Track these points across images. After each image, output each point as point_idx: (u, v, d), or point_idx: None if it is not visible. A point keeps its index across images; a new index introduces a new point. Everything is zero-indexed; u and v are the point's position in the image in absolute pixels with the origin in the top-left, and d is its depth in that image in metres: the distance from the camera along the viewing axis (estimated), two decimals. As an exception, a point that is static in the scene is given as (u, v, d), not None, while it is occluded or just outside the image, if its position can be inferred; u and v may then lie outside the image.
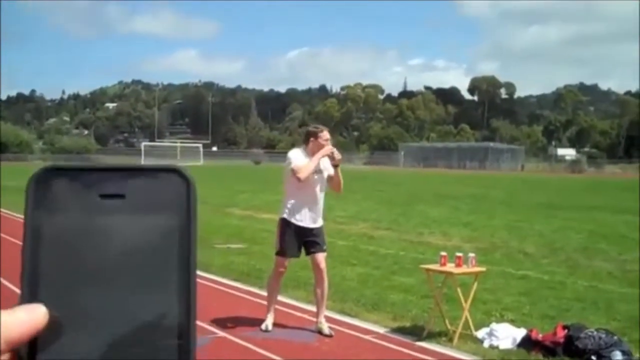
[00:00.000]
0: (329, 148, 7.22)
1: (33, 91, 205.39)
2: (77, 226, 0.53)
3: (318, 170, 7.29)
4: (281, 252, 7.43)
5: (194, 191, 0.55)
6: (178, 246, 0.53)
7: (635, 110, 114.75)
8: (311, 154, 7.25)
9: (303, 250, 7.46)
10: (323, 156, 7.21)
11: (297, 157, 7.27)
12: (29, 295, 0.53)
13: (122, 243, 0.53)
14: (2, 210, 19.84)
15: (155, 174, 0.55)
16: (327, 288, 7.53)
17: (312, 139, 7.29)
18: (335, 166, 7.36)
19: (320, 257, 7.39)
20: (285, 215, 7.36)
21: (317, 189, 7.34)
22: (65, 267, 0.53)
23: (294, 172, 7.15)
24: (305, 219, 7.31)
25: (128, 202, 0.54)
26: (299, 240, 7.34)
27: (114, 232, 0.53)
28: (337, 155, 7.33)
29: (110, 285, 0.53)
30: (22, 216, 0.54)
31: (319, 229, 7.43)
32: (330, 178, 7.42)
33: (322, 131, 7.41)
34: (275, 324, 7.50)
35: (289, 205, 7.33)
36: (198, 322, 0.54)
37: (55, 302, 0.52)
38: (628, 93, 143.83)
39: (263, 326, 7.40)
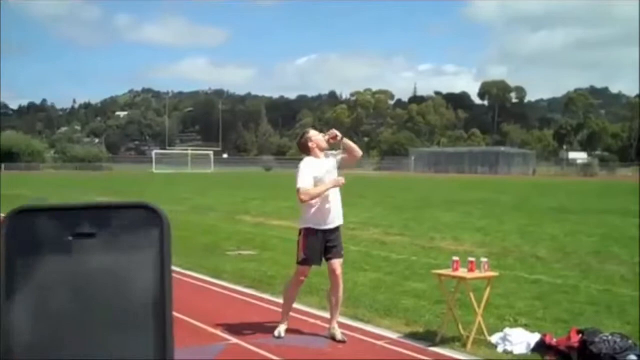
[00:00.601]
0: (340, 180, 7.24)
1: (44, 101, 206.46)
2: (51, 267, 0.52)
3: (330, 170, 7.32)
4: (305, 262, 7.36)
5: (167, 226, 0.54)
6: (154, 284, 0.52)
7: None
8: (315, 154, 7.31)
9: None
10: (333, 187, 7.22)
11: (305, 173, 7.20)
12: (6, 340, 0.52)
13: (96, 283, 0.52)
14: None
15: (126, 212, 0.54)
16: (342, 294, 7.53)
17: (310, 144, 7.33)
18: (337, 139, 7.39)
19: (337, 263, 7.38)
20: (308, 225, 7.30)
21: (335, 189, 7.34)
22: (42, 310, 0.52)
23: (298, 192, 7.18)
24: (329, 221, 7.29)
25: (100, 240, 0.53)
26: (322, 248, 7.30)
27: (87, 272, 0.52)
28: (333, 133, 7.40)
29: (86, 327, 0.51)
30: None
31: (339, 231, 7.46)
32: (347, 156, 7.48)
33: (308, 132, 7.53)
34: (288, 331, 7.50)
35: (310, 213, 7.27)
36: (211, 329, 0.53)
37: (32, 343, 0.51)
38: (639, 96, 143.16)
39: (276, 332, 7.39)
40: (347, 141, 7.49)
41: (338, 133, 7.42)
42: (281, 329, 7.42)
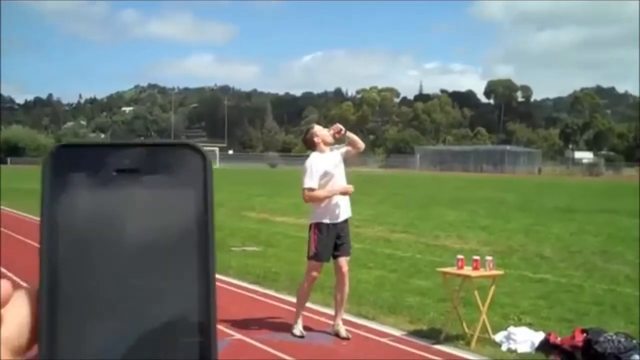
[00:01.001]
0: (349, 188, 7.31)
1: (50, 95, 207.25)
2: (93, 203, 0.53)
3: (337, 164, 7.38)
4: (317, 257, 7.37)
5: (209, 166, 0.55)
6: (195, 223, 0.53)
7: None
8: (322, 149, 7.36)
9: None
10: (341, 194, 7.28)
11: (312, 172, 7.24)
12: (49, 274, 0.52)
13: (140, 220, 0.53)
14: (21, 213, 20.01)
15: (169, 150, 0.55)
16: (347, 292, 7.54)
17: (315, 139, 7.38)
18: (339, 133, 7.44)
19: (344, 261, 7.42)
20: (319, 219, 7.33)
21: (341, 181, 7.39)
22: (84, 246, 0.52)
23: (303, 192, 7.27)
24: (338, 214, 7.34)
25: (144, 177, 0.54)
26: (332, 243, 7.34)
27: (130, 209, 0.53)
28: (337, 127, 7.49)
29: (130, 266, 0.52)
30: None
31: (348, 227, 7.56)
32: (351, 148, 7.56)
33: (313, 128, 7.64)
34: (290, 327, 7.50)
35: (320, 207, 7.32)
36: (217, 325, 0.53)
37: (74, 280, 0.52)
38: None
39: (297, 332, 7.35)
40: (350, 134, 7.57)
41: (342, 127, 7.48)
42: (300, 327, 7.40)
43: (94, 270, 0.51)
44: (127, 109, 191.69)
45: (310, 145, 7.47)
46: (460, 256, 7.39)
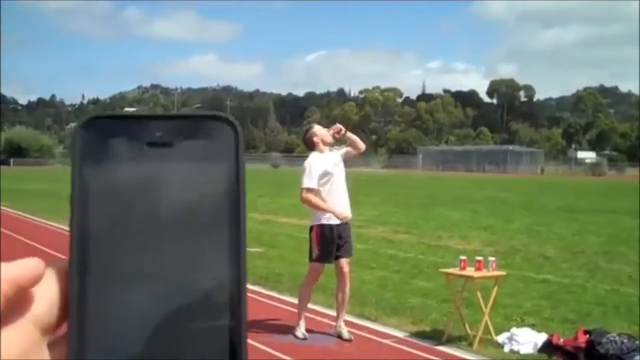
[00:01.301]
0: (347, 217, 7.31)
1: (53, 96, 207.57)
2: (125, 175, 0.52)
3: (337, 163, 7.38)
4: (319, 259, 7.36)
5: (241, 138, 0.54)
6: (227, 196, 0.53)
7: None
8: (322, 149, 7.35)
9: None
10: (336, 216, 7.20)
11: (311, 172, 7.22)
12: (80, 248, 0.52)
13: (172, 192, 0.52)
14: (23, 214, 20.01)
15: (201, 121, 0.54)
16: (349, 292, 7.54)
17: (314, 139, 7.38)
18: (340, 133, 7.44)
19: (345, 262, 7.42)
20: (320, 221, 7.29)
21: (341, 181, 7.39)
22: (115, 218, 0.52)
23: (301, 191, 7.27)
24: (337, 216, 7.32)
25: (176, 150, 0.53)
26: (335, 244, 7.31)
27: (162, 181, 0.52)
28: (337, 127, 7.52)
29: (161, 239, 0.52)
30: (45, 220, 0.54)
31: (350, 227, 7.55)
32: (351, 148, 7.55)
33: (312, 128, 7.67)
34: (293, 328, 7.50)
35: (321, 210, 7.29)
36: None
37: (106, 254, 0.52)
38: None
39: (299, 334, 7.33)
40: (350, 135, 7.57)
41: (342, 127, 7.50)
42: (303, 329, 7.38)
43: (124, 244, 0.51)
44: (130, 110, 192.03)
45: (310, 145, 7.47)
46: (462, 257, 7.39)
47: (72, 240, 0.52)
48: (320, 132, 7.46)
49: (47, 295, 0.50)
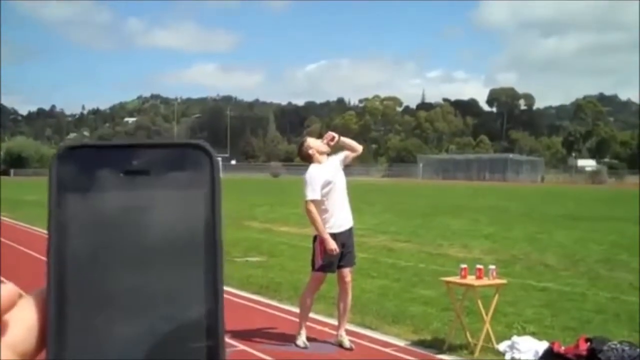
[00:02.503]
0: (335, 250, 7.13)
1: (53, 106, 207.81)
2: (102, 204, 0.53)
3: (336, 172, 7.37)
4: (323, 269, 7.31)
5: (217, 166, 0.55)
6: (204, 224, 0.53)
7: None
8: (319, 160, 7.35)
9: None
10: (327, 245, 7.11)
11: (313, 184, 7.24)
12: (58, 276, 0.52)
13: (149, 221, 0.52)
14: (23, 224, 20.02)
15: (178, 150, 0.55)
16: (350, 302, 7.51)
17: (310, 151, 7.39)
18: (334, 141, 7.40)
19: (347, 271, 7.40)
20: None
21: (342, 188, 7.39)
22: (93, 247, 0.52)
23: (306, 203, 7.27)
24: (342, 223, 7.34)
25: (152, 178, 0.54)
26: (338, 255, 7.25)
27: (139, 210, 0.52)
28: (329, 136, 7.44)
29: (139, 267, 0.52)
30: (45, 230, 0.54)
31: (352, 235, 7.55)
32: (349, 152, 7.54)
33: (306, 140, 7.69)
34: (293, 337, 7.48)
35: (323, 218, 7.27)
36: None
37: (83, 282, 0.52)
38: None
39: (300, 343, 7.31)
40: (344, 139, 7.56)
41: (335, 134, 7.47)
42: (304, 338, 7.36)
43: (102, 272, 0.51)
44: (130, 120, 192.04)
45: (306, 158, 7.48)
46: (463, 265, 7.37)
47: (49, 268, 0.52)
48: (314, 143, 7.49)
49: (25, 322, 0.51)
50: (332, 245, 7.10)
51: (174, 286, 0.51)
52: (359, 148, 7.68)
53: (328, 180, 7.24)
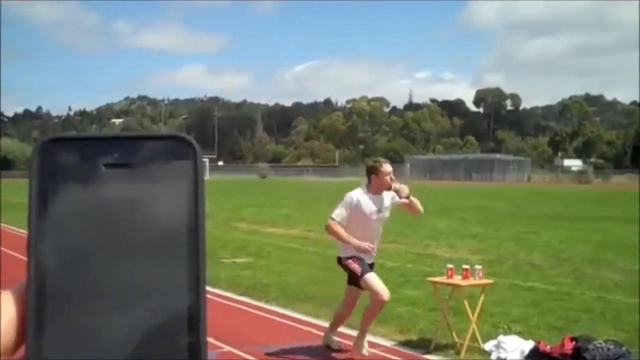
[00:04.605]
0: (367, 249, 6.81)
1: (39, 108, 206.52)
2: (83, 197, 0.52)
3: (381, 209, 6.96)
4: (363, 272, 6.85)
5: (200, 159, 0.54)
6: (186, 217, 0.53)
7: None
8: (374, 189, 6.91)
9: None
10: (356, 248, 6.81)
11: (343, 206, 6.89)
12: (37, 270, 0.52)
13: (130, 214, 0.52)
14: (7, 226, 19.92)
15: (159, 142, 0.54)
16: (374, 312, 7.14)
17: (372, 175, 6.94)
18: (406, 197, 6.93)
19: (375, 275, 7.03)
20: (352, 254, 6.90)
21: (379, 226, 7.03)
22: (74, 241, 0.52)
23: (329, 219, 6.91)
24: (369, 257, 6.98)
25: (134, 171, 0.53)
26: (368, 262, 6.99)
27: (121, 203, 0.52)
28: (404, 192, 6.89)
29: (120, 260, 0.52)
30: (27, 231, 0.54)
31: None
32: (406, 206, 7.06)
33: (381, 165, 6.97)
34: (282, 340, 7.48)
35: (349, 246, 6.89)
36: None
37: (64, 276, 0.51)
38: (634, 103, 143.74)
39: (335, 345, 7.21)
40: (412, 198, 7.00)
41: (407, 191, 6.95)
42: (333, 339, 7.28)
43: (83, 266, 0.51)
44: (117, 121, 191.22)
45: (369, 173, 7.00)
46: (450, 265, 7.40)
47: (29, 262, 0.52)
48: (385, 174, 6.91)
49: (3, 317, 0.51)
50: (363, 243, 6.78)
51: (156, 280, 0.51)
52: (420, 212, 7.19)
53: (366, 212, 6.86)
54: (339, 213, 6.87)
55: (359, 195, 6.93)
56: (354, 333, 7.90)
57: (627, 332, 7.80)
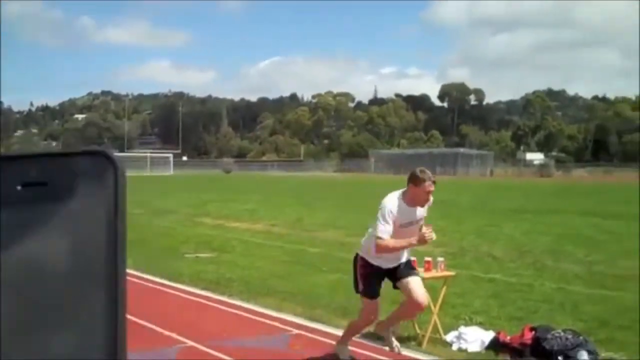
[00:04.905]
0: (430, 237, 6.33)
1: (0, 103, 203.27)
2: (1, 219, 0.49)
3: (414, 221, 6.50)
4: (365, 293, 6.51)
5: (121, 175, 0.51)
6: (106, 237, 0.49)
7: (602, 114, 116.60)
8: (409, 199, 6.47)
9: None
10: (418, 244, 6.40)
11: (386, 221, 6.37)
12: None
13: (48, 236, 0.49)
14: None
15: (78, 159, 0.51)
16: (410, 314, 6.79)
17: (411, 184, 6.48)
18: (423, 243, 6.45)
19: (417, 280, 6.55)
20: (367, 257, 6.58)
21: (412, 234, 6.48)
22: None
23: (376, 240, 6.36)
24: (388, 261, 6.54)
25: (50, 189, 0.50)
26: (380, 279, 6.56)
27: (38, 224, 0.49)
28: (426, 239, 6.39)
29: (38, 285, 0.48)
30: None
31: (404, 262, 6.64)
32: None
33: (424, 181, 6.43)
34: (246, 333, 7.47)
35: (373, 251, 6.48)
36: (167, 332, 0.51)
37: None
38: (595, 98, 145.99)
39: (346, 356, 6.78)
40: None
41: (433, 237, 6.47)
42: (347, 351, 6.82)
43: (4, 284, 0.48)
44: (80, 116, 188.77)
45: (410, 181, 6.58)
46: (412, 258, 7.44)
47: None
48: (423, 191, 6.48)
49: None
50: (428, 235, 6.31)
51: (73, 308, 0.48)
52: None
53: (404, 223, 6.44)
54: (384, 230, 6.32)
55: (393, 202, 6.48)
56: (319, 326, 7.94)
57: (585, 322, 7.94)
